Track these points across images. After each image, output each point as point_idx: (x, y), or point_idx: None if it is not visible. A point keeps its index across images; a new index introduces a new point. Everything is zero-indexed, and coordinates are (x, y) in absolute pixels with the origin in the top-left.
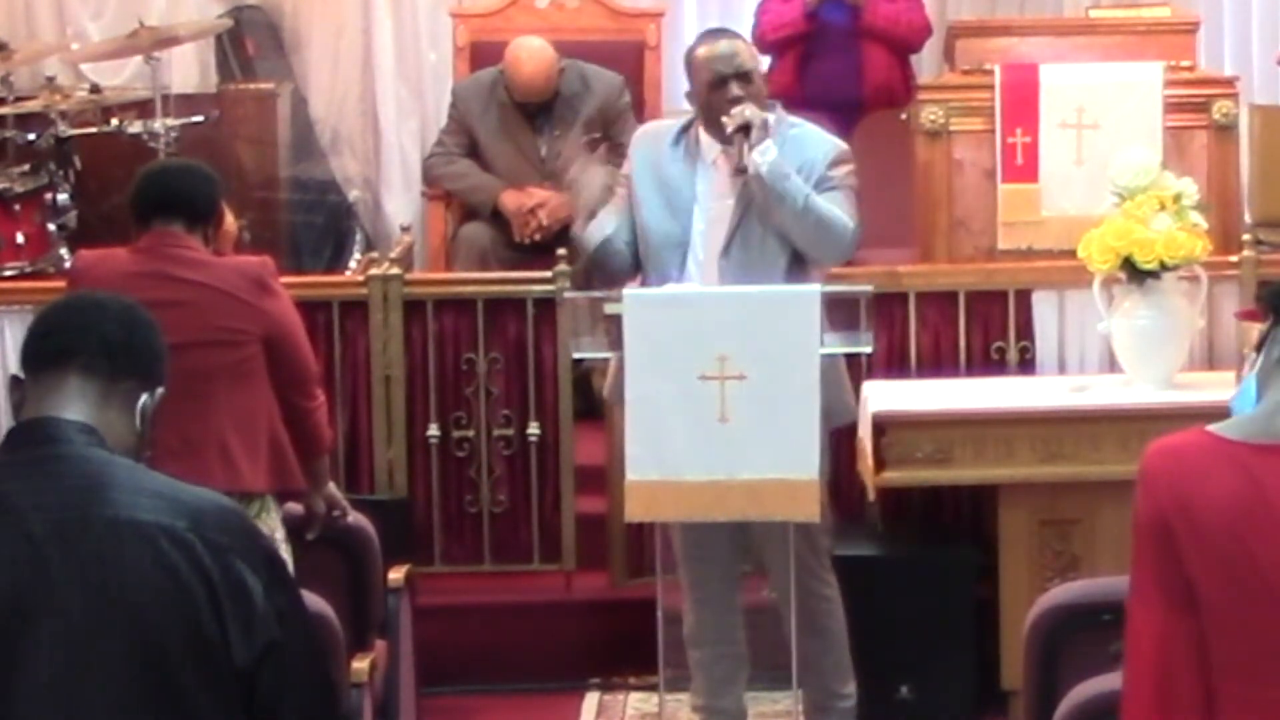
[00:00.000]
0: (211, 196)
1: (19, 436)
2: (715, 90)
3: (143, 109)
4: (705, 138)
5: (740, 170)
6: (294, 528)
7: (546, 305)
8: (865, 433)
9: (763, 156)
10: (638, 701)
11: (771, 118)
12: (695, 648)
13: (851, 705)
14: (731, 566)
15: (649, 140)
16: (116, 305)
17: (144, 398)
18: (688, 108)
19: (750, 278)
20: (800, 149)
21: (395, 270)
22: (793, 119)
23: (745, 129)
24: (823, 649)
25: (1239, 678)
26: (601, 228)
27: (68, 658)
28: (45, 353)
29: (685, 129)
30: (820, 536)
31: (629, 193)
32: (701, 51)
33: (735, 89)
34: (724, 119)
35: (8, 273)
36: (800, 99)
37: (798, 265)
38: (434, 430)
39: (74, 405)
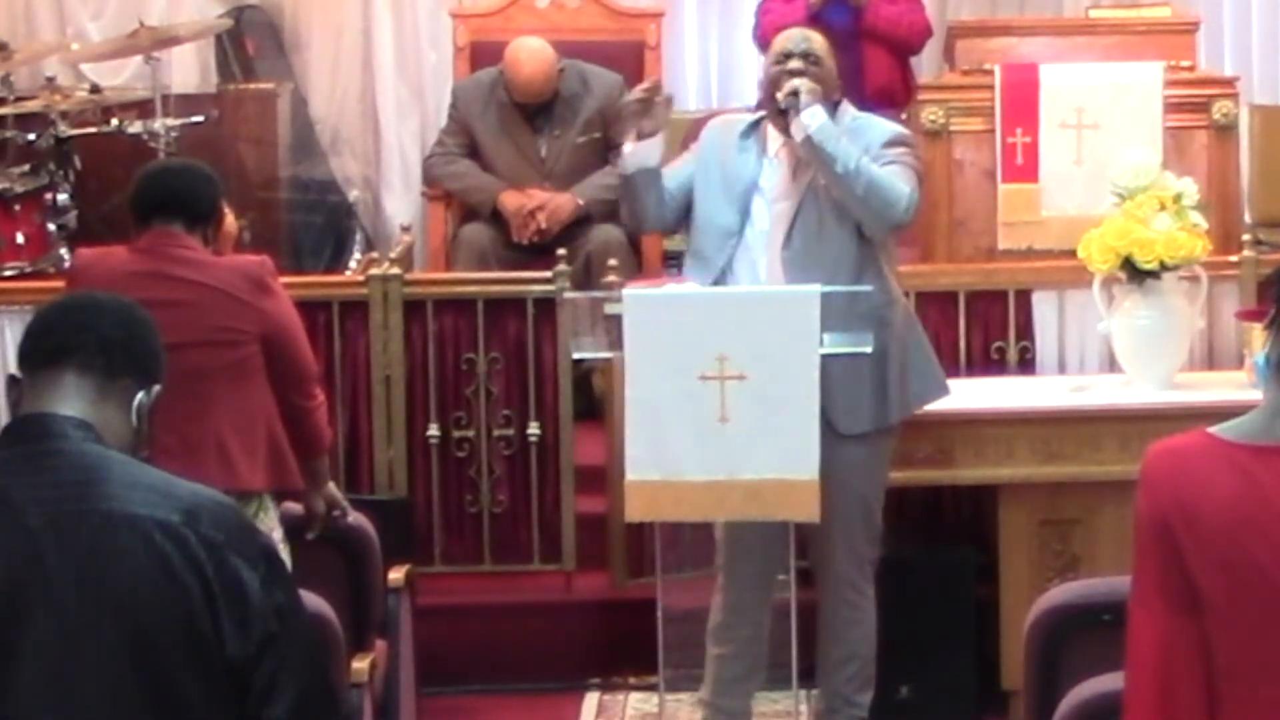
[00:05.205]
0: (211, 197)
1: (14, 432)
2: (778, 64)
3: (143, 109)
4: (772, 131)
5: (785, 123)
6: (293, 527)
7: (546, 305)
8: None
9: (812, 119)
10: (638, 701)
11: (843, 105)
12: (716, 644)
13: (863, 716)
14: (770, 568)
15: (721, 129)
16: (113, 304)
17: (140, 395)
18: (682, 109)
19: (816, 265)
20: (859, 136)
21: (395, 270)
22: (856, 112)
23: (796, 94)
24: (846, 657)
25: (1242, 679)
26: (643, 159)
27: (61, 649)
28: (42, 351)
29: (756, 124)
30: (864, 545)
31: (693, 168)
32: (778, 37)
33: (795, 64)
34: (777, 94)
35: (8, 273)
36: None
37: (863, 243)
38: (434, 430)
39: (70, 402)
